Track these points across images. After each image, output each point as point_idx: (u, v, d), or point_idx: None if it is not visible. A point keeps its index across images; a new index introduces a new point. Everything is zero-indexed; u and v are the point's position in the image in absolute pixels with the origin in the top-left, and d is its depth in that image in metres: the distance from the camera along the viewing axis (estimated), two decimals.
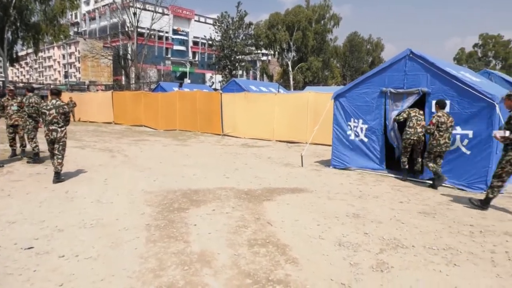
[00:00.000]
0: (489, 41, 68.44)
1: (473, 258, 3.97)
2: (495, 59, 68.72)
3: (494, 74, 12.64)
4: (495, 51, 67.75)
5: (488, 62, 67.38)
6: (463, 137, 7.04)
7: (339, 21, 55.89)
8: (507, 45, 67.32)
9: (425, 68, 7.54)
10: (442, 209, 5.79)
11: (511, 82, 12.45)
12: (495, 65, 67.00)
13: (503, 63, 67.21)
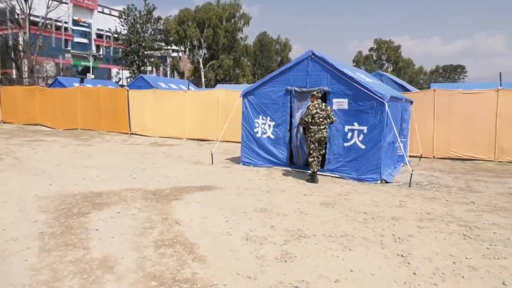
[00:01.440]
0: (383, 45, 75.82)
1: (366, 242, 4.37)
2: (388, 62, 76.34)
3: (385, 76, 14.07)
4: (387, 55, 75.28)
5: (382, 65, 74.58)
6: (359, 132, 7.70)
7: (249, 20, 57.00)
8: (397, 49, 75.32)
9: (326, 69, 8.08)
10: (341, 199, 6.27)
11: (398, 83, 13.98)
12: (387, 68, 74.47)
13: (394, 66, 75.01)
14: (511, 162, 10.78)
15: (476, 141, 11.18)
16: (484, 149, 11.12)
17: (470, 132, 11.17)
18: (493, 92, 11.04)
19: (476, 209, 5.86)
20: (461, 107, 11.29)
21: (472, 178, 8.48)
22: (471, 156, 11.24)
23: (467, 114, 11.21)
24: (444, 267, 3.73)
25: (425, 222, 5.15)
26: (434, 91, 11.80)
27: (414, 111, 11.05)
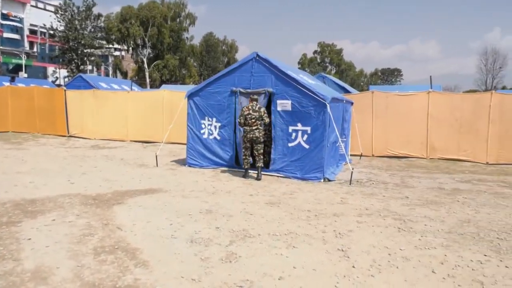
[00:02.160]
0: (326, 48, 78.53)
1: (309, 239, 4.50)
2: (331, 64, 79.21)
3: (327, 78, 14.58)
4: (330, 57, 78.10)
5: (325, 67, 77.25)
6: (303, 133, 7.91)
7: (194, 20, 56.38)
8: (340, 53, 78.41)
9: (270, 71, 8.21)
10: (285, 198, 6.40)
11: (340, 85, 14.56)
12: (331, 70, 77.25)
13: (337, 68, 77.99)
14: (441, 159, 11.64)
15: (410, 140, 11.94)
16: (418, 147, 11.91)
17: (405, 132, 11.91)
18: (425, 94, 11.86)
19: (410, 203, 6.26)
20: (397, 108, 12.01)
21: (407, 175, 9.05)
22: (406, 154, 11.99)
23: (402, 115, 11.94)
24: (380, 259, 3.95)
25: (364, 217, 5.41)
26: (372, 93, 12.44)
27: (355, 112, 11.57)
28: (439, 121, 11.65)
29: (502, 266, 3.82)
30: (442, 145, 11.70)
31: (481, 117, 11.29)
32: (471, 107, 11.46)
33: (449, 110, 11.59)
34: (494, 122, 11.16)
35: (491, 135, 11.19)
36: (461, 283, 3.45)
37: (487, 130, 11.22)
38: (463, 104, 11.56)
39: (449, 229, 4.94)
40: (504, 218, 5.46)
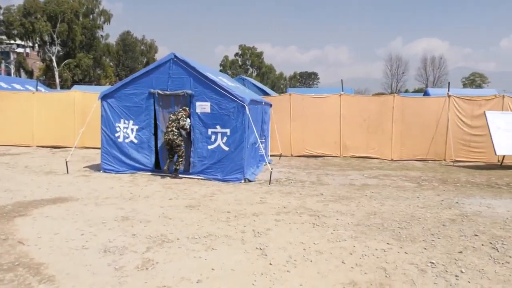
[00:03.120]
0: (247, 51, 79.75)
1: (228, 240, 4.53)
2: (252, 67, 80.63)
3: (247, 80, 14.83)
4: (251, 60, 79.49)
5: (247, 70, 78.43)
6: (223, 135, 7.94)
7: (110, 17, 53.42)
8: (260, 56, 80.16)
9: (188, 72, 8.11)
10: (206, 201, 6.37)
11: (259, 87, 14.89)
12: (252, 72, 78.63)
13: (258, 71, 79.64)
14: (353, 157, 12.51)
15: (325, 140, 12.65)
16: (332, 146, 12.66)
17: (320, 132, 12.59)
18: (337, 97, 12.66)
19: (324, 199, 6.63)
20: (312, 110, 12.64)
21: (323, 173, 9.57)
22: (322, 153, 12.68)
23: (318, 116, 12.60)
24: (296, 254, 4.12)
25: (282, 215, 5.60)
26: (290, 95, 12.95)
27: (274, 114, 11.94)
28: (350, 121, 12.52)
29: (402, 252, 4.22)
30: (353, 144, 12.58)
31: (386, 118, 12.37)
32: (377, 108, 12.49)
33: (358, 111, 12.51)
34: (397, 122, 12.30)
35: (394, 134, 12.31)
36: (367, 270, 3.74)
37: (391, 129, 12.32)
38: (370, 105, 12.56)
39: (358, 221, 5.33)
40: (405, 209, 6.04)
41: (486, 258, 4.06)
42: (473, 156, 12.07)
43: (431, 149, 12.27)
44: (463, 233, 4.85)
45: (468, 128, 12.01)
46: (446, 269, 3.78)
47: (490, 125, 10.60)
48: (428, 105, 12.48)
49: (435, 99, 12.70)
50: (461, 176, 9.29)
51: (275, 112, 12.02)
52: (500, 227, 5.13)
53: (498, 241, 4.58)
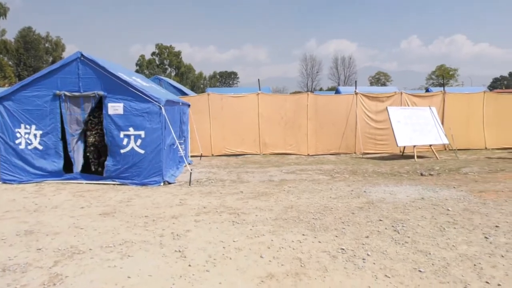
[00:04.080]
0: (164, 50, 77.68)
1: (145, 245, 4.38)
2: (170, 67, 78.75)
3: (164, 80, 14.47)
4: (169, 60, 77.60)
5: (165, 69, 76.37)
6: (137, 137, 7.64)
7: (6, 11, 48.20)
8: (178, 55, 78.59)
9: (99, 72, 7.66)
10: (122, 207, 6.09)
11: (177, 87, 14.62)
12: (171, 72, 76.79)
13: (177, 71, 78.02)
14: (272, 154, 12.89)
15: (245, 138, 12.87)
16: (251, 144, 12.92)
17: (240, 130, 12.78)
18: (255, 96, 12.95)
19: (244, 197, 6.74)
20: (231, 109, 12.78)
21: (243, 171, 9.71)
22: (242, 151, 12.88)
23: (237, 115, 12.77)
24: (215, 253, 4.13)
25: (202, 215, 5.57)
26: (208, 95, 12.93)
27: (193, 114, 11.82)
28: (268, 119, 12.89)
29: (316, 242, 4.46)
30: (272, 141, 12.98)
31: (301, 115, 12.96)
32: (293, 106, 13.04)
33: (275, 109, 12.94)
34: (311, 119, 12.96)
35: (310, 130, 12.95)
36: (284, 262, 3.88)
37: (306, 126, 12.94)
38: (286, 104, 13.06)
39: (276, 216, 5.51)
40: (319, 201, 6.39)
41: (388, 240, 4.46)
42: (379, 148, 13.20)
43: (342, 143, 13.15)
44: (370, 219, 5.28)
45: (373, 123, 13.09)
46: (354, 253, 4.07)
47: (392, 119, 11.67)
48: (339, 102, 13.35)
49: (345, 97, 13.63)
50: (368, 167, 10.09)
51: (194, 112, 11.91)
52: (401, 211, 5.67)
53: (399, 224, 5.06)
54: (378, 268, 3.70)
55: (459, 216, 5.34)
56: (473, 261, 3.81)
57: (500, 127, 13.89)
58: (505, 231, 4.71)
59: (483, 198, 6.35)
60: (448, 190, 7.07)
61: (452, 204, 5.99)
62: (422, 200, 6.33)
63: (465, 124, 13.60)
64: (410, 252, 4.09)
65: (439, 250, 4.12)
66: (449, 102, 13.60)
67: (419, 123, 11.90)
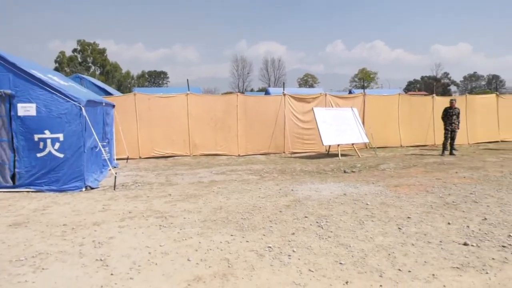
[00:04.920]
0: (87, 47, 73.16)
1: (62, 256, 4.07)
2: (94, 65, 74.41)
3: (85, 79, 13.63)
4: (93, 57, 73.26)
5: (88, 67, 72.00)
6: (54, 140, 7.09)
7: None
8: (103, 53, 74.46)
9: (7, 69, 6.98)
10: (36, 215, 5.61)
11: (100, 87, 13.87)
12: (95, 71, 72.59)
13: (102, 69, 73.94)
14: (202, 155, 12.77)
15: (174, 139, 12.60)
16: (181, 146, 12.69)
17: (169, 132, 12.48)
18: (184, 96, 12.73)
19: (172, 199, 6.58)
20: (160, 109, 12.42)
21: (172, 173, 9.49)
22: (172, 153, 12.59)
23: (165, 116, 12.45)
24: (140, 259, 3.97)
25: (127, 221, 5.33)
26: (135, 95, 12.45)
27: (118, 115, 11.28)
28: (198, 120, 12.76)
29: (244, 241, 4.49)
30: (202, 142, 12.86)
31: (231, 116, 13.02)
32: (223, 107, 13.05)
33: (205, 110, 12.85)
34: (241, 119, 13.07)
35: (240, 130, 13.05)
36: (211, 264, 3.85)
37: (236, 126, 13.02)
38: (216, 104, 13.03)
39: (205, 218, 5.45)
40: (248, 201, 6.46)
41: (313, 236, 4.64)
42: (306, 147, 13.72)
43: (272, 143, 13.45)
44: (296, 217, 5.45)
45: (300, 123, 13.57)
46: (281, 250, 4.17)
47: (317, 119, 12.19)
48: (268, 103, 13.64)
49: (273, 98, 13.97)
50: (296, 166, 10.43)
51: (119, 113, 11.37)
52: (325, 208, 5.93)
53: (323, 219, 5.29)
54: (303, 263, 3.83)
55: (376, 210, 5.73)
56: (388, 251, 4.11)
57: (413, 126, 15.20)
58: (415, 221, 5.15)
59: (398, 192, 6.89)
60: (368, 185, 7.55)
61: (370, 199, 6.41)
62: (344, 196, 6.69)
63: (383, 124, 14.66)
64: (332, 246, 4.29)
65: (358, 243, 4.37)
66: (369, 103, 14.57)
67: (343, 123, 12.58)
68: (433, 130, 15.08)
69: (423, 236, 4.55)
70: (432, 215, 5.42)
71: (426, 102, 15.70)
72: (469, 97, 16.54)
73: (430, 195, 6.63)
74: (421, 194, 6.69)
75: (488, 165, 9.99)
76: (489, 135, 16.10)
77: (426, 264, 3.76)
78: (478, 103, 16.15)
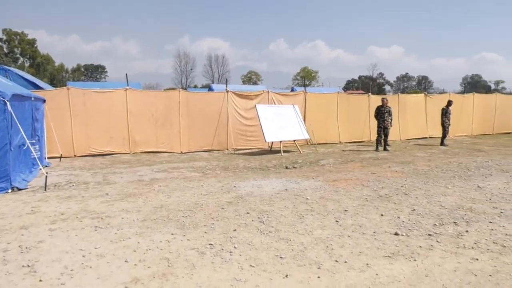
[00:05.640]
0: (14, 37, 67.56)
1: None
2: (23, 56, 68.94)
3: (11, 71, 12.57)
4: (21, 48, 67.82)
5: (16, 59, 66.57)
6: None
7: None
8: (33, 43, 69.18)
9: None
10: None
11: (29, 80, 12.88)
12: (24, 63, 67.30)
13: (32, 61, 68.71)
14: (143, 152, 12.36)
15: (113, 136, 12.05)
16: (120, 143, 12.18)
17: (107, 128, 11.91)
18: (123, 91, 12.22)
19: (109, 199, 6.30)
20: (97, 105, 11.82)
21: (110, 171, 9.08)
22: (110, 150, 12.04)
23: (103, 111, 11.86)
24: (73, 263, 3.75)
25: (59, 223, 5.01)
26: (68, 89, 11.73)
27: (49, 110, 10.56)
28: (138, 116, 12.32)
29: (185, 240, 4.41)
30: (143, 139, 12.45)
31: (173, 112, 12.74)
32: (164, 103, 12.71)
33: (146, 106, 12.44)
34: (183, 116, 12.83)
35: (182, 127, 12.81)
36: (150, 264, 3.74)
37: (179, 123, 12.76)
38: (157, 100, 12.67)
39: (144, 217, 5.28)
40: (190, 198, 6.36)
41: (254, 232, 4.68)
42: (250, 144, 13.81)
43: (215, 140, 13.36)
44: (238, 213, 5.46)
45: (244, 120, 13.63)
46: (222, 247, 4.16)
47: (260, 116, 12.31)
48: (211, 99, 13.53)
49: (216, 94, 13.88)
50: (239, 163, 10.46)
51: (51, 108, 10.64)
52: (266, 203, 6.01)
53: (265, 215, 5.36)
54: (244, 259, 3.85)
55: (316, 204, 5.92)
56: (326, 243, 4.26)
57: (350, 123, 15.90)
58: (352, 214, 5.39)
59: (336, 187, 7.17)
60: (308, 181, 7.78)
61: (310, 194, 6.61)
62: (286, 191, 6.83)
63: (323, 121, 15.17)
64: (273, 240, 4.36)
65: (298, 236, 4.49)
66: (310, 101, 14.99)
67: (284, 119, 12.82)
68: (369, 127, 15.88)
69: (359, 228, 4.78)
70: (367, 207, 5.71)
71: (363, 100, 16.50)
72: (401, 96, 17.65)
73: (365, 188, 6.98)
74: (357, 188, 7.02)
75: (417, 159, 10.74)
76: (418, 132, 17.30)
77: (360, 254, 3.95)
78: (409, 102, 17.27)
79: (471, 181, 7.55)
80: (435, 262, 3.76)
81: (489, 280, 3.37)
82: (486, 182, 7.43)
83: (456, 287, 3.25)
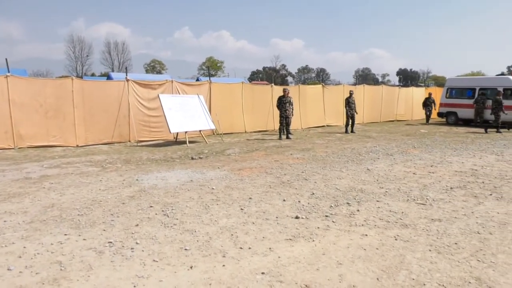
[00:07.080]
0: None
1: None
2: None
3: None
4: None
5: None
6: None
7: None
8: None
9: None
10: None
11: None
12: None
13: None
14: (31, 147, 11.10)
15: None
16: (3, 138, 10.77)
17: None
18: (3, 78, 10.77)
19: None
20: None
21: None
22: None
23: None
24: None
25: None
26: None
27: None
28: (24, 107, 11.02)
29: (80, 240, 4.08)
30: (30, 133, 11.18)
31: (66, 102, 11.65)
32: (55, 92, 11.54)
33: (33, 95, 11.17)
34: (78, 106, 11.82)
35: (77, 119, 11.79)
36: (39, 269, 3.37)
37: (73, 114, 11.72)
38: (46, 89, 11.44)
39: (32, 218, 4.75)
40: (86, 195, 5.89)
41: (158, 225, 4.52)
42: (154, 135, 13.32)
43: (116, 131, 12.59)
44: (141, 207, 5.22)
45: (146, 110, 13.08)
46: (123, 244, 3.94)
47: (164, 106, 11.91)
48: (109, 88, 12.68)
49: (115, 83, 13.05)
50: (143, 155, 10.02)
51: None
52: (171, 195, 5.86)
53: (169, 207, 5.21)
54: (147, 254, 3.70)
55: (221, 193, 5.95)
56: (231, 231, 4.31)
57: (255, 113, 16.28)
58: (256, 201, 5.53)
59: (241, 175, 7.29)
60: (214, 170, 7.78)
61: (216, 183, 6.62)
62: (191, 182, 6.73)
63: (228, 111, 15.27)
64: (178, 233, 4.27)
65: (203, 227, 4.46)
66: (215, 91, 14.96)
67: (189, 110, 12.60)
68: (273, 117, 16.45)
69: (262, 214, 4.92)
70: (271, 194, 5.92)
71: (266, 90, 17.00)
72: (302, 87, 18.62)
73: (269, 176, 7.22)
74: (262, 176, 7.23)
75: (316, 146, 11.46)
76: (317, 121, 18.47)
77: (264, 240, 4.07)
78: (308, 92, 18.30)
79: (362, 164, 8.31)
80: (331, 240, 4.05)
81: (376, 252, 3.74)
82: (374, 165, 8.25)
83: (349, 262, 3.54)
